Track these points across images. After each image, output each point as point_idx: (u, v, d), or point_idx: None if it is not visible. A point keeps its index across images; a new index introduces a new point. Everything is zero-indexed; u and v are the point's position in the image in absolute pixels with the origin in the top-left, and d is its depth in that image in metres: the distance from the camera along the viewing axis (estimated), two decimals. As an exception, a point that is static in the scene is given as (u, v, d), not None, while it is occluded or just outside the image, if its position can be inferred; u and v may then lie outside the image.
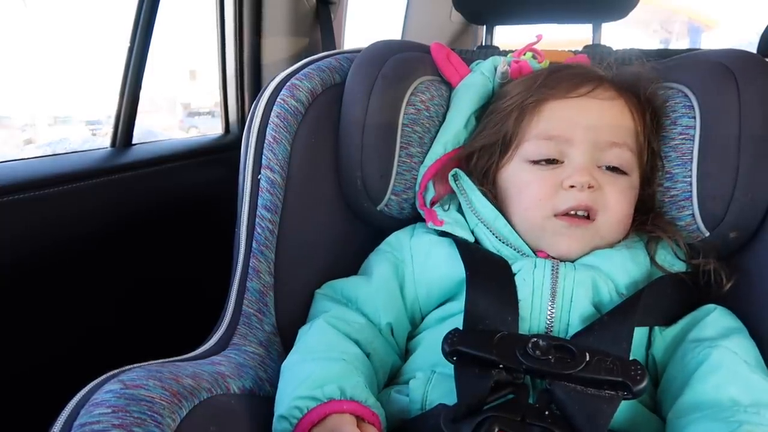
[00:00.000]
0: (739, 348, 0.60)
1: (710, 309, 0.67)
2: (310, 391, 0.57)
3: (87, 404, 0.50)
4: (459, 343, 0.58)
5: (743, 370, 0.58)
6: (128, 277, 1.10)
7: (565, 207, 0.68)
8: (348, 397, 0.56)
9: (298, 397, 0.57)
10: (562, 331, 0.64)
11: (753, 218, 0.70)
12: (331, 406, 0.56)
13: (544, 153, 0.71)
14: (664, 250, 0.71)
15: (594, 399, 0.54)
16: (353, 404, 0.56)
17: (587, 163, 0.69)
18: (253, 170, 0.76)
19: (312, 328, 0.68)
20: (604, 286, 0.66)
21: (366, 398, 0.57)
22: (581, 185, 0.68)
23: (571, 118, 0.71)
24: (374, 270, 0.74)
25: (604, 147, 0.70)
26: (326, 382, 0.57)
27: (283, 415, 0.57)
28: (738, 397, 0.54)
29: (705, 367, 0.58)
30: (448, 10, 1.79)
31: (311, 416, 0.55)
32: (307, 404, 0.56)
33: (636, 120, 0.73)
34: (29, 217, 0.89)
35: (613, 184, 0.70)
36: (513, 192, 0.74)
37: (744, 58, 0.73)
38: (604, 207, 0.69)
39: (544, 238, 0.70)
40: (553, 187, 0.69)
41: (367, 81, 0.78)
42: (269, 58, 1.48)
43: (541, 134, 0.72)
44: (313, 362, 0.61)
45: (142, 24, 1.12)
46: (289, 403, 0.57)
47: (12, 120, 2.88)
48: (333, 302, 0.73)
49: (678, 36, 8.48)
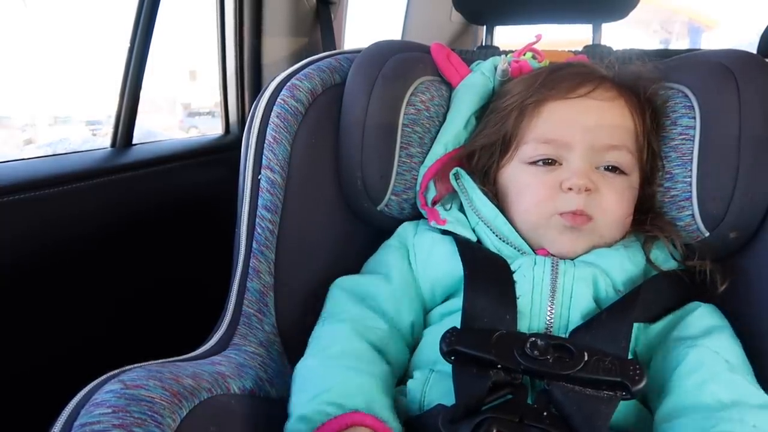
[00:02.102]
0: (720, 347, 0.61)
1: (694, 307, 0.67)
2: (338, 398, 0.56)
3: (87, 404, 0.50)
4: (457, 342, 0.58)
5: (723, 369, 0.58)
6: (128, 277, 1.10)
7: (564, 210, 0.69)
8: (374, 413, 0.56)
9: (325, 401, 0.56)
10: (562, 328, 0.64)
11: (753, 218, 0.70)
12: (354, 418, 0.55)
13: (542, 154, 0.72)
14: (659, 249, 0.72)
15: (592, 399, 0.54)
16: (377, 422, 0.55)
17: (585, 166, 0.69)
18: (253, 170, 0.76)
19: (337, 332, 0.66)
20: (602, 283, 0.67)
21: (388, 418, 0.57)
22: (578, 188, 0.68)
23: (570, 120, 0.71)
24: (392, 267, 0.74)
25: (603, 150, 0.70)
26: (355, 393, 0.57)
27: (305, 416, 0.56)
28: (720, 395, 0.55)
29: (684, 367, 0.58)
30: (448, 10, 1.79)
31: (334, 424, 0.55)
32: (334, 411, 0.55)
33: (636, 120, 0.73)
34: (29, 217, 0.89)
35: (611, 185, 0.70)
36: (513, 193, 0.74)
37: (744, 59, 0.73)
38: (600, 210, 0.69)
39: (544, 237, 0.71)
40: (552, 189, 0.69)
41: (367, 81, 0.78)
42: (269, 58, 1.48)
43: (539, 137, 0.72)
44: (341, 369, 0.61)
45: (142, 24, 1.12)
46: (314, 407, 0.56)
47: (12, 120, 2.87)
48: (352, 300, 0.71)
49: (678, 36, 8.47)
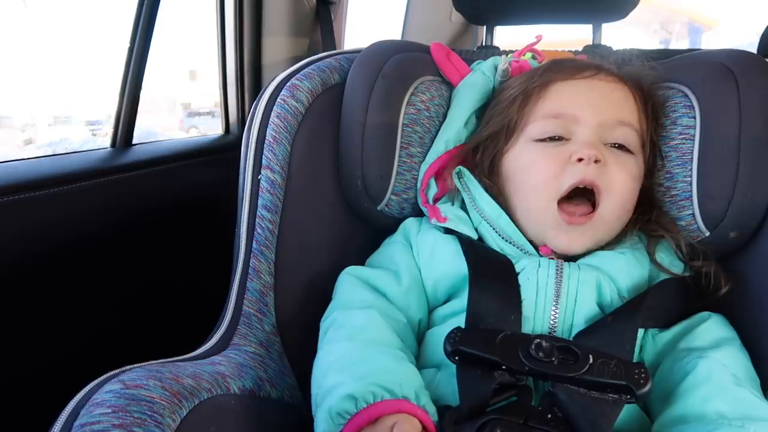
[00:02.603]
0: (728, 360, 0.60)
1: (704, 317, 0.67)
2: (389, 384, 0.55)
3: (87, 404, 0.50)
4: (461, 342, 0.58)
5: (730, 383, 0.57)
6: (128, 278, 1.10)
7: (571, 182, 0.67)
8: (421, 404, 0.55)
9: (376, 384, 0.55)
10: (566, 332, 0.63)
11: (753, 218, 0.70)
12: (404, 406, 0.54)
13: (550, 131, 0.71)
14: (664, 250, 0.71)
15: (597, 402, 0.54)
16: (424, 414, 0.55)
17: (594, 139, 0.69)
18: (253, 170, 0.76)
19: (368, 318, 0.65)
20: (606, 288, 0.66)
21: (433, 413, 0.56)
22: (589, 158, 0.66)
23: (578, 96, 0.71)
24: (401, 265, 0.73)
25: (611, 125, 0.70)
26: (404, 381, 0.56)
27: (353, 395, 0.54)
28: (724, 411, 0.54)
29: (692, 378, 0.58)
30: (449, 10, 1.78)
31: (386, 406, 0.54)
32: (385, 394, 0.54)
33: (639, 105, 0.73)
34: (29, 217, 0.89)
35: (619, 162, 0.69)
36: (519, 173, 0.72)
37: (744, 59, 0.73)
38: (608, 185, 0.68)
39: (546, 231, 0.70)
40: (560, 163, 0.68)
41: (367, 81, 0.78)
42: (269, 58, 1.48)
43: (547, 113, 0.71)
44: (386, 356, 0.60)
45: (142, 24, 1.12)
46: (365, 387, 0.54)
47: (12, 120, 2.88)
48: (366, 288, 0.71)
49: (678, 36, 8.47)
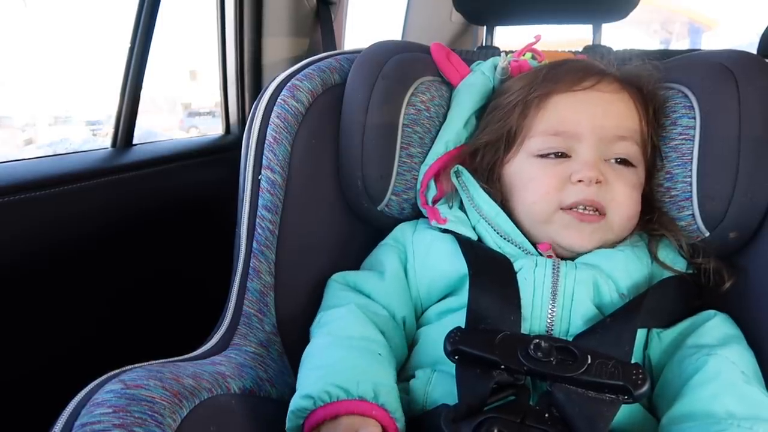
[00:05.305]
0: (737, 357, 0.60)
1: (710, 315, 0.67)
2: (345, 383, 0.56)
3: (88, 404, 0.51)
4: (461, 342, 0.58)
5: (740, 381, 0.57)
6: (128, 278, 1.10)
7: (572, 201, 0.68)
8: (380, 403, 0.56)
9: (333, 383, 0.56)
10: (563, 331, 0.64)
11: (753, 218, 0.70)
12: (361, 406, 0.55)
13: (552, 147, 0.71)
14: (666, 248, 0.71)
15: (594, 402, 0.54)
16: (382, 412, 0.56)
17: (595, 157, 0.69)
18: (253, 171, 0.76)
19: (346, 313, 0.67)
20: (604, 286, 0.66)
21: (395, 410, 0.57)
22: (589, 180, 0.67)
23: (577, 112, 0.71)
24: (386, 265, 0.74)
25: (612, 141, 0.70)
26: (362, 378, 0.57)
27: (310, 395, 0.56)
28: (733, 409, 0.54)
29: (701, 375, 0.58)
30: (449, 10, 1.79)
31: (338, 407, 0.55)
32: (338, 394, 0.55)
33: (640, 113, 0.73)
34: (29, 217, 0.89)
35: (621, 178, 0.70)
36: (519, 186, 0.73)
37: (744, 59, 0.73)
38: (612, 202, 0.68)
39: (552, 231, 0.70)
40: (560, 180, 0.69)
41: (367, 81, 0.78)
42: (270, 58, 1.48)
43: (548, 130, 0.72)
44: (351, 351, 0.61)
45: (142, 24, 1.13)
46: (322, 387, 0.56)
47: (12, 120, 2.88)
48: (349, 290, 0.73)
49: (678, 36, 8.47)
